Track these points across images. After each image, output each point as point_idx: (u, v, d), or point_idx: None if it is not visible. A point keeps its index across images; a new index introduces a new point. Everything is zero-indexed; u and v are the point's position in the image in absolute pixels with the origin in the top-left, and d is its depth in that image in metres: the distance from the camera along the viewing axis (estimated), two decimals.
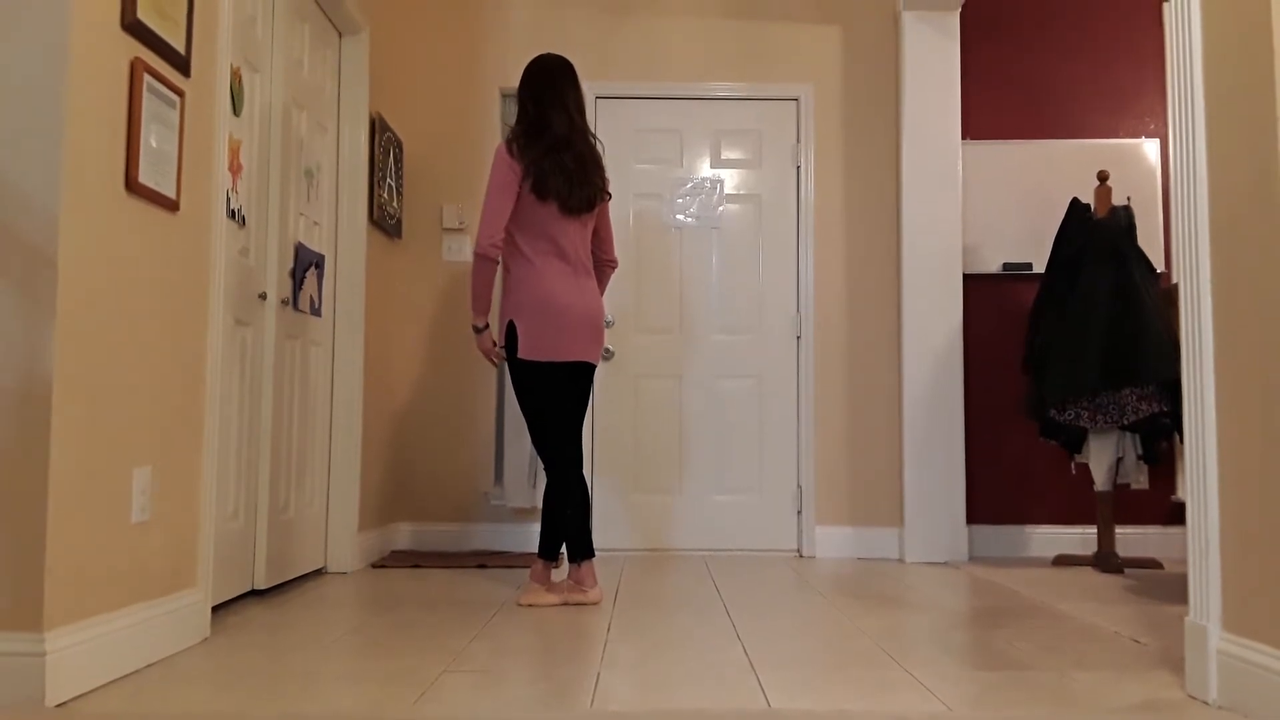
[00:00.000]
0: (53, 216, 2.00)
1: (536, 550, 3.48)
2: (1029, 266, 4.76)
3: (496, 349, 3.32)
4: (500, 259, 3.26)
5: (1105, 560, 4.22)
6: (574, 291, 3.24)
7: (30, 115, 2.01)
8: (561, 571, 3.65)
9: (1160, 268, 4.68)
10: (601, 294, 3.41)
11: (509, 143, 3.24)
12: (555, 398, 3.24)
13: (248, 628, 2.80)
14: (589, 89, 3.54)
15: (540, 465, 4.45)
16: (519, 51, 4.62)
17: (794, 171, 4.79)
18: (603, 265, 3.48)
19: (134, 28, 2.25)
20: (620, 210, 4.66)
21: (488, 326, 3.30)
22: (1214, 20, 2.11)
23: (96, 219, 2.13)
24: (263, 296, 3.29)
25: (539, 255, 3.22)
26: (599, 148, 3.38)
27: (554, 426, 3.26)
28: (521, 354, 3.20)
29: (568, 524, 3.26)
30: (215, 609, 3.00)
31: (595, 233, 3.42)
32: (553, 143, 3.23)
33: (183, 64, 2.49)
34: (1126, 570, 4.20)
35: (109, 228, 2.18)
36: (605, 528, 4.63)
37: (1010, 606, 3.29)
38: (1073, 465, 4.47)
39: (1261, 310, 1.94)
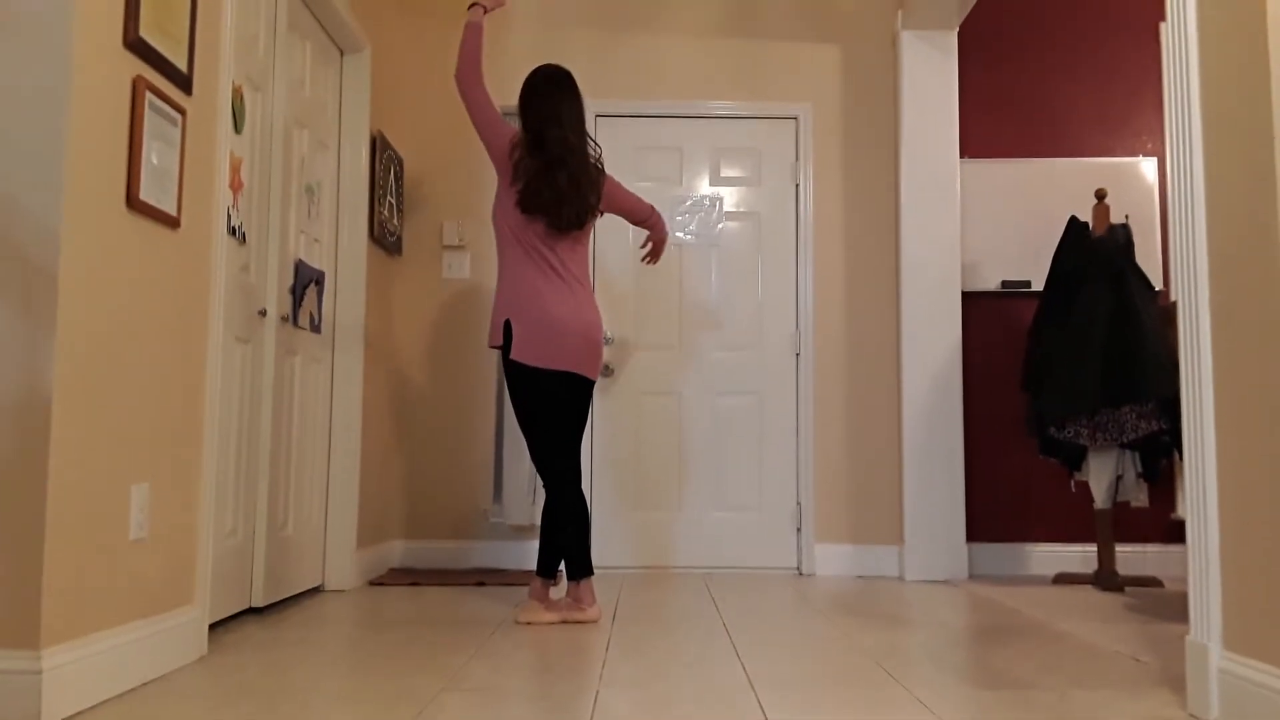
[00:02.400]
0: (54, 233, 2.01)
1: (535, 568, 3.46)
2: (1028, 284, 4.77)
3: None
4: (496, 247, 3.33)
5: (1105, 578, 4.21)
6: (568, 303, 3.21)
7: (33, 132, 2.02)
8: (560, 589, 3.64)
9: (1158, 285, 4.68)
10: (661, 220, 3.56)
11: (515, 141, 3.25)
12: (548, 408, 3.21)
13: (245, 645, 2.79)
14: (588, 108, 3.53)
15: (539, 482, 4.44)
16: (518, 70, 4.62)
17: (793, 189, 4.81)
18: (648, 224, 3.55)
19: (136, 46, 2.26)
20: (620, 227, 4.67)
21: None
22: (1211, 39, 2.12)
23: (98, 236, 2.14)
24: (262, 313, 3.30)
25: (531, 265, 3.21)
26: (598, 155, 3.35)
27: (551, 441, 3.23)
28: (514, 355, 3.17)
29: (566, 542, 3.24)
30: (213, 626, 2.99)
31: (619, 209, 3.46)
32: (548, 161, 3.21)
33: (184, 82, 2.50)
34: (1127, 588, 4.19)
35: (110, 244, 2.19)
36: (604, 545, 4.62)
37: (1010, 625, 3.28)
38: (1072, 483, 4.47)
39: (1260, 327, 1.95)
